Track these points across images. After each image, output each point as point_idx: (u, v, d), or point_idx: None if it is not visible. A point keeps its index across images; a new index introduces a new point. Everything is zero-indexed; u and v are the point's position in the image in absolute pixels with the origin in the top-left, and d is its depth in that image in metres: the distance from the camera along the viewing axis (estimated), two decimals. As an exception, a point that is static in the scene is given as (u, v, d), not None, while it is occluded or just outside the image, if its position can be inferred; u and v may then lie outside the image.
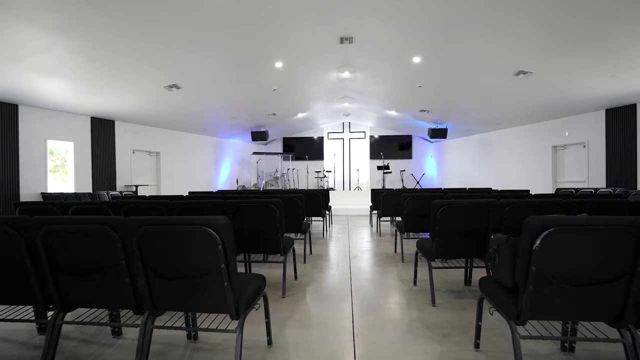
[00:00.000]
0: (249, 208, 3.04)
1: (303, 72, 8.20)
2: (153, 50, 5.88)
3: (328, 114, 13.30)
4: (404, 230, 4.21)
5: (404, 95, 9.84)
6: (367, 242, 5.64)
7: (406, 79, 8.35)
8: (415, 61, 7.17)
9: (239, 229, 3.05)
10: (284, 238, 3.32)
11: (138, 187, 9.23)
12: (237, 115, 10.89)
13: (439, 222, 2.71)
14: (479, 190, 6.52)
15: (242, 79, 7.96)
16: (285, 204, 3.99)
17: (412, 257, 4.42)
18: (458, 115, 10.58)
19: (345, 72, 8.61)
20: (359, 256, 4.59)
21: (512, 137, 10.66)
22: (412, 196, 4.11)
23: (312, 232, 6.71)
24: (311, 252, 4.75)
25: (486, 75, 7.26)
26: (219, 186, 12.90)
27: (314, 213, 6.22)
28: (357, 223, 8.11)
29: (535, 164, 9.75)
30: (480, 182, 11.89)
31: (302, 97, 10.30)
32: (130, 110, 8.69)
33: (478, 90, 8.23)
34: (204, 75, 7.31)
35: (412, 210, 4.13)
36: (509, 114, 9.46)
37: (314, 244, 5.48)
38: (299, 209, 4.12)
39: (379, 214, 6.32)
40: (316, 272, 3.82)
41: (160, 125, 10.27)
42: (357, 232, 6.70)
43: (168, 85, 7.58)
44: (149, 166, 10.17)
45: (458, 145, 13.42)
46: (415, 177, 14.80)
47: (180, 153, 11.06)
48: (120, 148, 9.16)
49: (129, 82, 7.03)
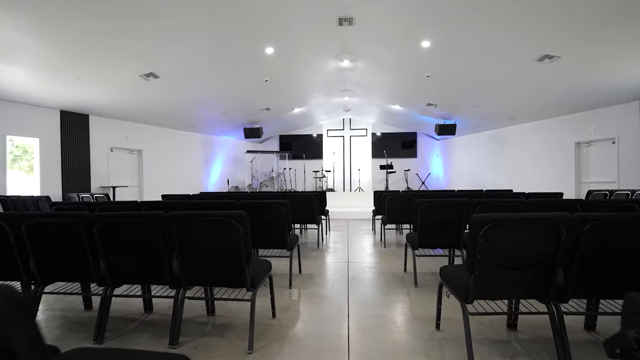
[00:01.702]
0: (203, 223, 2.13)
1: (298, 60, 7.29)
2: (122, 31, 5.00)
3: (327, 109, 12.39)
4: (416, 245, 3.31)
5: (409, 88, 8.92)
6: (370, 255, 4.73)
7: (412, 68, 7.44)
8: (423, 46, 6.26)
9: (186, 258, 2.17)
10: (257, 262, 2.42)
11: (116, 189, 8.35)
12: (227, 110, 9.99)
13: (481, 248, 1.80)
14: (501, 193, 5.60)
15: (229, 68, 7.05)
16: (262, 212, 3.08)
17: (427, 280, 3.51)
18: (468, 109, 9.65)
19: (345, 61, 7.71)
20: (359, 276, 3.68)
21: (529, 133, 9.72)
22: (428, 203, 3.20)
23: (307, 242, 5.81)
24: (300, 270, 3.84)
25: (504, 62, 6.34)
26: (209, 187, 12.01)
27: (307, 219, 5.31)
28: (358, 229, 7.21)
29: (554, 162, 8.82)
30: (492, 183, 10.96)
31: (298, 89, 9.39)
32: (106, 103, 7.81)
33: (493, 80, 7.30)
34: (185, 62, 6.41)
35: (428, 221, 3.22)
36: (526, 107, 8.52)
37: (306, 257, 4.58)
38: (283, 219, 3.22)
39: (384, 220, 5.41)
40: (303, 304, 2.90)
41: (143, 120, 9.38)
42: (358, 241, 5.79)
43: (144, 73, 6.68)
44: (130, 166, 9.29)
45: (467, 142, 12.48)
46: (420, 178, 13.88)
47: (165, 151, 10.17)
48: (96, 145, 8.27)
49: (98, 70, 6.14)
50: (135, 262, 2.19)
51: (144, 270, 2.22)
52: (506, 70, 6.69)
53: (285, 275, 3.55)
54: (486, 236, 1.76)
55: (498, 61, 6.35)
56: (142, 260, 2.18)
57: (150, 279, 2.32)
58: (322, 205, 6.30)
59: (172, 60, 6.26)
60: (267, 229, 3.26)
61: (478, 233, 1.76)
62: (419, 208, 3.20)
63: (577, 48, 5.40)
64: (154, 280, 2.30)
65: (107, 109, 8.17)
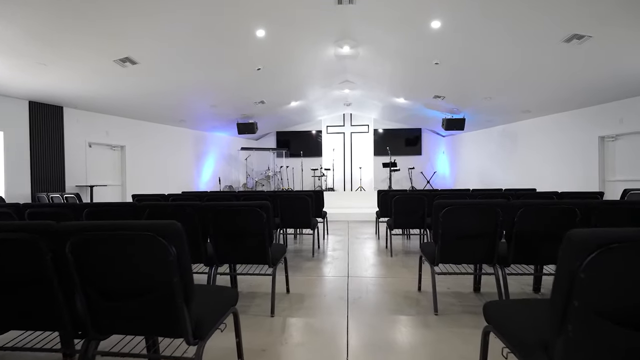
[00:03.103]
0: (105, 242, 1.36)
1: (292, 45, 6.53)
2: (92, 9, 4.26)
3: (326, 103, 11.62)
4: (437, 260, 2.54)
5: (415, 78, 8.15)
6: (374, 267, 3.96)
7: (420, 55, 6.67)
8: (433, 27, 5.51)
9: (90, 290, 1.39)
10: (226, 291, 1.67)
11: (94, 189, 7.61)
12: (218, 103, 9.24)
13: (580, 294, 1.02)
14: (525, 192, 4.83)
15: (217, 53, 6.29)
16: (236, 219, 2.34)
17: (450, 305, 2.74)
18: (479, 102, 8.88)
19: (345, 47, 6.95)
20: (362, 298, 2.92)
21: (545, 128, 8.93)
22: (453, 205, 2.43)
23: (302, 248, 5.05)
24: (288, 289, 3.08)
25: (525, 45, 5.56)
26: (201, 186, 11.26)
27: (301, 223, 4.56)
28: (360, 232, 6.44)
29: (574, 159, 8.04)
30: (503, 182, 10.18)
31: (294, 80, 8.63)
32: (82, 94, 7.05)
33: (510, 67, 6.52)
34: (165, 45, 5.65)
35: (453, 229, 2.46)
36: (545, 98, 7.74)
37: (297, 269, 3.82)
38: (262, 227, 2.46)
39: (390, 224, 4.64)
40: (286, 347, 2.13)
41: (125, 114, 8.63)
42: (359, 248, 5.03)
43: (119, 58, 5.93)
44: (112, 163, 8.55)
45: (475, 138, 11.70)
46: (425, 176, 13.11)
47: (152, 148, 9.42)
48: (72, 140, 7.53)
49: (68, 53, 5.38)
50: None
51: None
52: (526, 55, 5.92)
53: (267, 296, 2.79)
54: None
55: (518, 44, 5.58)
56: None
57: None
58: (318, 206, 5.54)
59: (149, 43, 5.50)
60: (243, 239, 2.51)
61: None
62: (440, 212, 2.44)
63: (613, 27, 4.64)
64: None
65: (83, 101, 7.42)
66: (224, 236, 2.52)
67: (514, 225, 2.40)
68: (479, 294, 2.95)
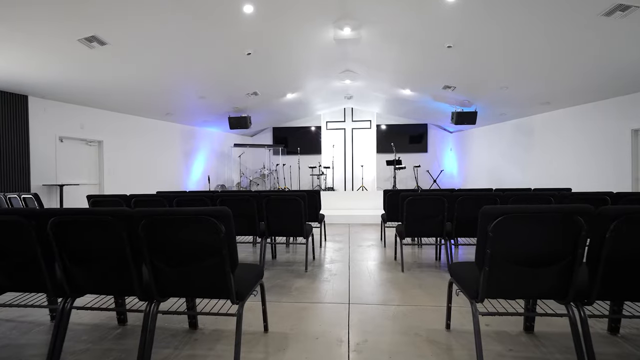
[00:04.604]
0: None
1: (285, 25, 5.68)
2: None
3: (326, 96, 10.77)
4: (481, 294, 1.70)
5: (424, 65, 7.29)
6: (383, 288, 3.12)
7: (430, 37, 5.83)
8: (448, 0, 4.69)
9: None
10: None
11: (64, 188, 6.78)
12: (206, 94, 8.40)
13: None
14: (562, 192, 3.97)
15: (201, 35, 5.45)
16: (177, 234, 1.50)
17: (497, 357, 1.89)
18: (494, 92, 8.03)
19: (346, 29, 6.12)
20: (368, 342, 2.08)
21: (567, 121, 8.07)
22: (509, 213, 1.59)
23: (294, 260, 4.20)
24: (267, 327, 2.23)
25: (554, 21, 4.71)
26: (190, 186, 10.43)
27: (291, 231, 3.72)
28: (363, 238, 5.60)
29: (601, 155, 7.19)
30: (520, 181, 9.33)
31: (290, 68, 7.78)
32: (49, 81, 6.22)
33: (532, 51, 5.67)
34: (137, 22, 4.82)
35: (510, 250, 1.62)
36: (569, 86, 6.88)
37: (284, 292, 2.97)
38: (220, 246, 1.62)
39: (400, 231, 3.79)
40: None
41: (103, 105, 7.80)
42: (363, 259, 4.18)
43: (84, 37, 5.10)
44: (87, 160, 7.72)
45: (486, 134, 10.84)
46: (431, 175, 12.25)
47: (134, 143, 8.59)
48: (39, 134, 6.70)
49: (23, 31, 4.56)
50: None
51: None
52: (555, 34, 5.06)
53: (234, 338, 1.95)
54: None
55: (545, 20, 4.73)
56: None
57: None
58: (314, 208, 4.71)
59: (117, 20, 4.67)
60: (191, 263, 1.67)
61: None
62: (490, 224, 1.59)
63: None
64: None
65: (52, 89, 6.58)
66: (164, 259, 1.68)
67: (604, 244, 1.56)
68: (532, 336, 2.11)
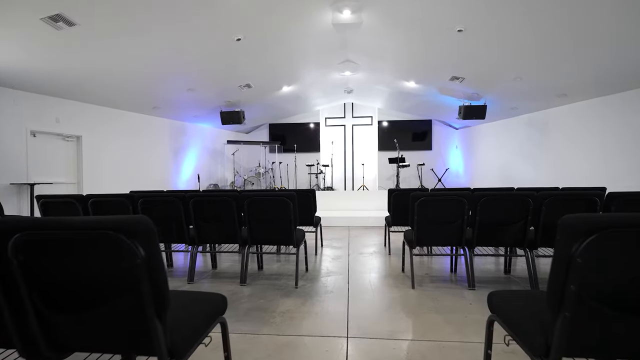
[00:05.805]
0: None
1: (278, 6, 5.05)
2: None
3: (324, 89, 10.14)
4: (554, 353, 1.06)
5: (430, 53, 6.64)
6: (391, 312, 2.48)
7: (439, 20, 5.19)
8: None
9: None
10: None
11: (35, 187, 6.16)
12: (195, 86, 7.76)
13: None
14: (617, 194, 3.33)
15: (182, 13, 4.81)
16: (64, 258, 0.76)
17: None
18: (506, 83, 7.39)
19: (346, 11, 5.50)
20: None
21: (585, 115, 7.41)
22: (609, 227, 0.95)
23: (282, 273, 3.56)
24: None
25: (575, 2, 4.08)
26: (180, 185, 9.80)
27: (279, 239, 3.09)
28: (364, 244, 4.96)
29: (626, 152, 6.54)
30: (533, 180, 8.68)
31: (284, 57, 7.14)
32: (17, 69, 5.58)
33: (552, 35, 5.03)
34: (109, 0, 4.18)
35: (612, 290, 0.97)
36: (593, 76, 6.22)
37: (265, 318, 2.34)
38: (139, 279, 0.99)
39: (410, 240, 3.13)
40: None
41: (82, 98, 7.16)
42: (365, 271, 3.54)
43: (48, 16, 4.45)
44: (65, 157, 7.08)
45: (495, 130, 10.19)
46: (436, 174, 11.62)
47: (117, 139, 7.96)
48: (6, 127, 6.06)
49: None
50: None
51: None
52: (579, 13, 4.42)
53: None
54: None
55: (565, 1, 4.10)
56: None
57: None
58: (309, 210, 4.07)
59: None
60: (95, 310, 1.04)
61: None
62: (578, 243, 0.95)
63: None
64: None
65: (21, 79, 5.94)
66: (52, 302, 1.05)
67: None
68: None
